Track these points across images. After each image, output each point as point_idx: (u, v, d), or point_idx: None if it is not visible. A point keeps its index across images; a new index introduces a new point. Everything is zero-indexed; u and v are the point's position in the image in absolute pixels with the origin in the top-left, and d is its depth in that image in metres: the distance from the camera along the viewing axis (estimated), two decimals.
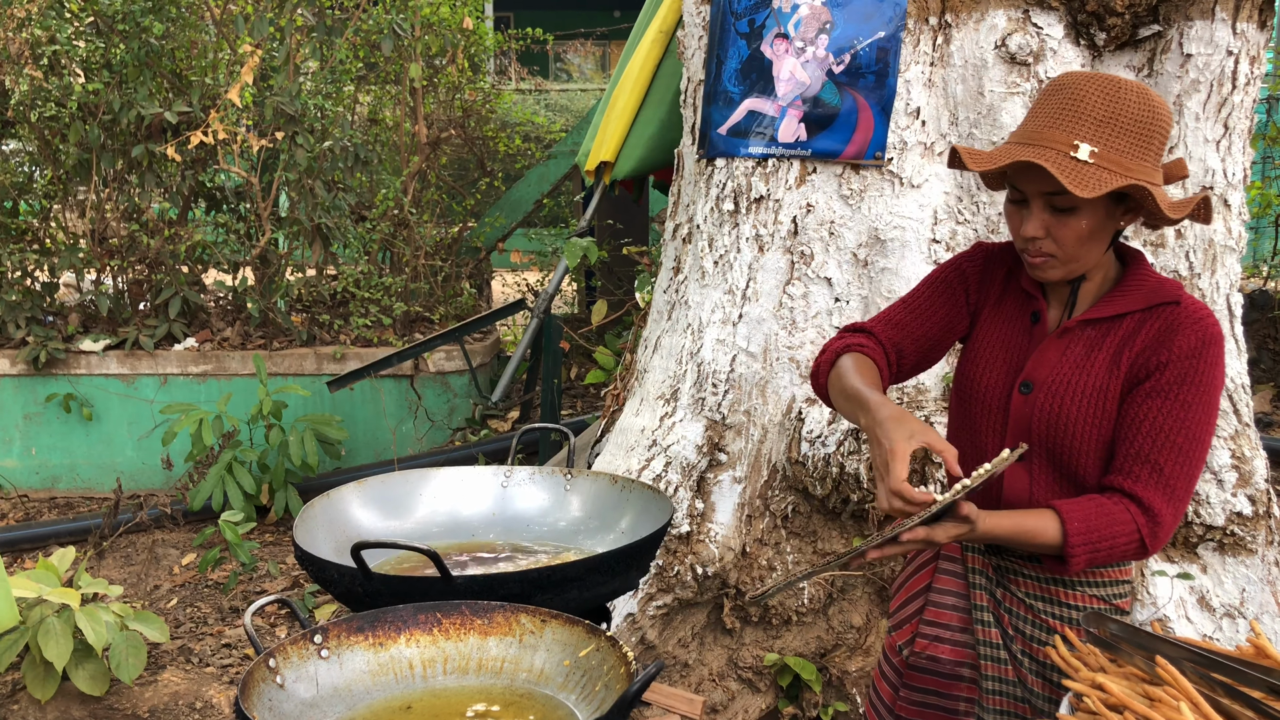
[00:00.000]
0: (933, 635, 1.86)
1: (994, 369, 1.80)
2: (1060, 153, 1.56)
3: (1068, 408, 1.70)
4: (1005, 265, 1.86)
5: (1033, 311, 1.79)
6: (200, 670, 3.58)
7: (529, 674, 1.42)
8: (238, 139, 5.27)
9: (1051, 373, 1.73)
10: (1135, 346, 1.68)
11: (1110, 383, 1.69)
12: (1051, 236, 1.63)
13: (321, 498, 1.96)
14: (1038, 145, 1.58)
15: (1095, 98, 1.57)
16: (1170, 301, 1.69)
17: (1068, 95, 1.59)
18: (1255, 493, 3.04)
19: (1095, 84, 1.59)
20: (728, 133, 3.14)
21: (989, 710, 1.82)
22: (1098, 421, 1.69)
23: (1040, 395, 1.73)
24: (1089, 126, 1.56)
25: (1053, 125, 1.58)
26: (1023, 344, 1.78)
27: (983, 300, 1.87)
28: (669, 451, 3.17)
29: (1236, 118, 3.09)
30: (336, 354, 5.43)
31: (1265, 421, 5.70)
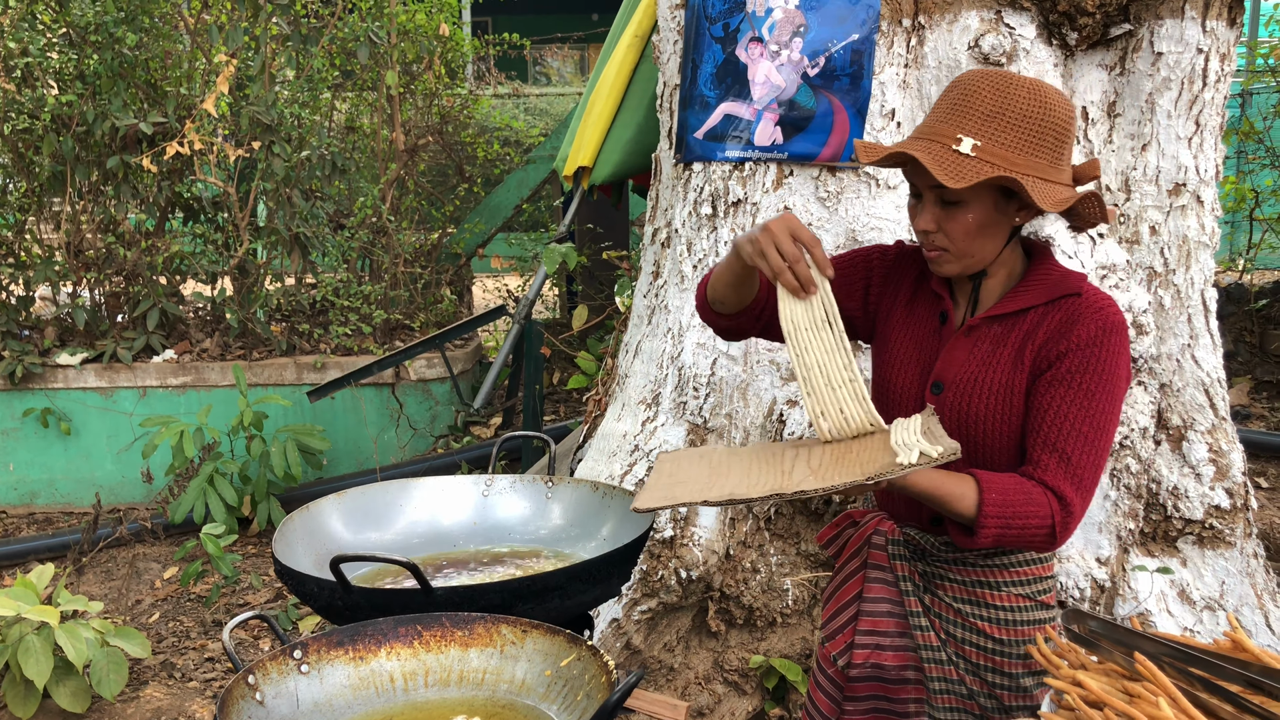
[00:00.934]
0: (872, 644, 1.86)
1: (907, 370, 1.81)
2: (943, 145, 1.58)
3: (976, 406, 1.70)
4: (917, 267, 1.87)
5: (940, 311, 1.80)
6: (183, 685, 3.56)
7: (510, 685, 1.42)
8: (214, 149, 5.25)
9: (959, 372, 1.73)
10: (1037, 340, 1.69)
11: (1015, 378, 1.69)
12: (942, 230, 1.65)
13: (300, 510, 1.95)
14: (925, 139, 1.61)
15: (985, 93, 1.59)
16: (1072, 293, 1.69)
17: (960, 92, 1.62)
18: (1233, 486, 3.07)
19: (987, 81, 1.61)
20: (704, 137, 3.15)
21: (940, 709, 1.84)
22: (1006, 417, 1.69)
23: (950, 394, 1.73)
24: (975, 121, 1.58)
25: (942, 120, 1.61)
26: (932, 344, 1.79)
27: (886, 299, 1.88)
28: (651, 456, 3.17)
29: (1208, 114, 3.12)
30: (317, 363, 5.41)
31: (1242, 414, 5.75)
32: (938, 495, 1.61)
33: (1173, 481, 3.07)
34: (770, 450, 1.69)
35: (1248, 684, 1.47)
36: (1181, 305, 3.15)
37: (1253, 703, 1.42)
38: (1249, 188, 7.23)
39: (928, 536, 1.82)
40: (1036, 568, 1.81)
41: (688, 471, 1.62)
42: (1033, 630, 1.80)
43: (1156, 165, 3.11)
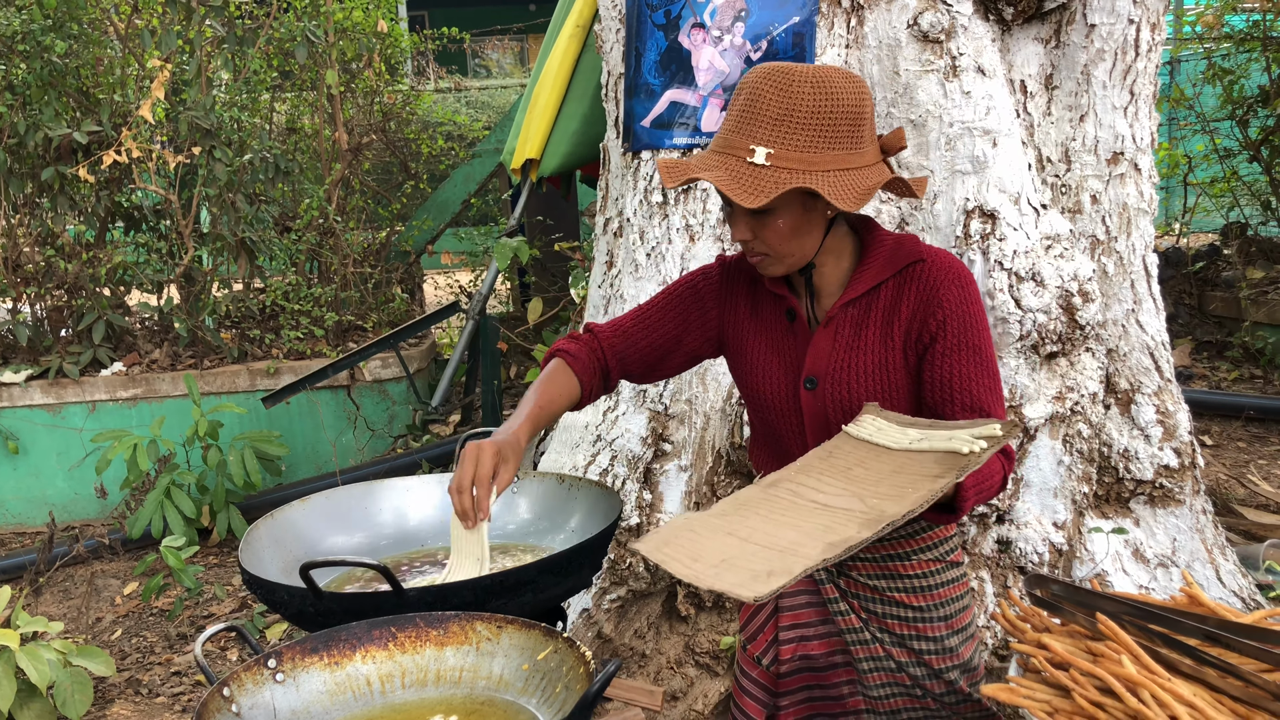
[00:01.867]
0: (796, 636, 1.87)
1: (772, 374, 1.80)
2: (738, 159, 1.56)
3: (855, 390, 1.72)
4: (746, 274, 1.86)
5: (786, 310, 1.80)
6: (151, 701, 3.51)
7: (488, 681, 1.42)
8: (153, 156, 5.15)
9: (828, 362, 1.74)
10: (903, 313, 1.71)
11: (888, 354, 1.72)
12: (759, 238, 1.65)
13: (265, 518, 1.94)
14: (723, 153, 1.59)
15: (769, 96, 1.56)
16: (915, 260, 1.71)
17: (746, 97, 1.59)
18: (1180, 445, 3.15)
19: (770, 82, 1.57)
20: (651, 125, 3.15)
21: (872, 686, 1.86)
22: (887, 393, 1.72)
23: (826, 386, 1.74)
24: (764, 127, 1.56)
25: (735, 130, 1.59)
26: (789, 343, 1.79)
27: (730, 313, 1.87)
28: (614, 445, 3.18)
29: (1141, 83, 3.19)
30: (270, 369, 5.35)
31: (1184, 375, 5.90)
32: None
33: (1123, 444, 3.14)
34: (770, 501, 1.52)
35: (1205, 637, 1.52)
36: (1124, 272, 3.22)
37: (1210, 655, 1.47)
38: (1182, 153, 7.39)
39: None
40: (939, 530, 1.84)
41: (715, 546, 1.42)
42: (948, 590, 1.84)
43: (1095, 135, 3.17)
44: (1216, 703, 1.43)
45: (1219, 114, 6.99)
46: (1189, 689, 1.43)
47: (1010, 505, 3.00)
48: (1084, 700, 1.47)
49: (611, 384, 1.92)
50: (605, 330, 1.90)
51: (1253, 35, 6.59)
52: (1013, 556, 2.98)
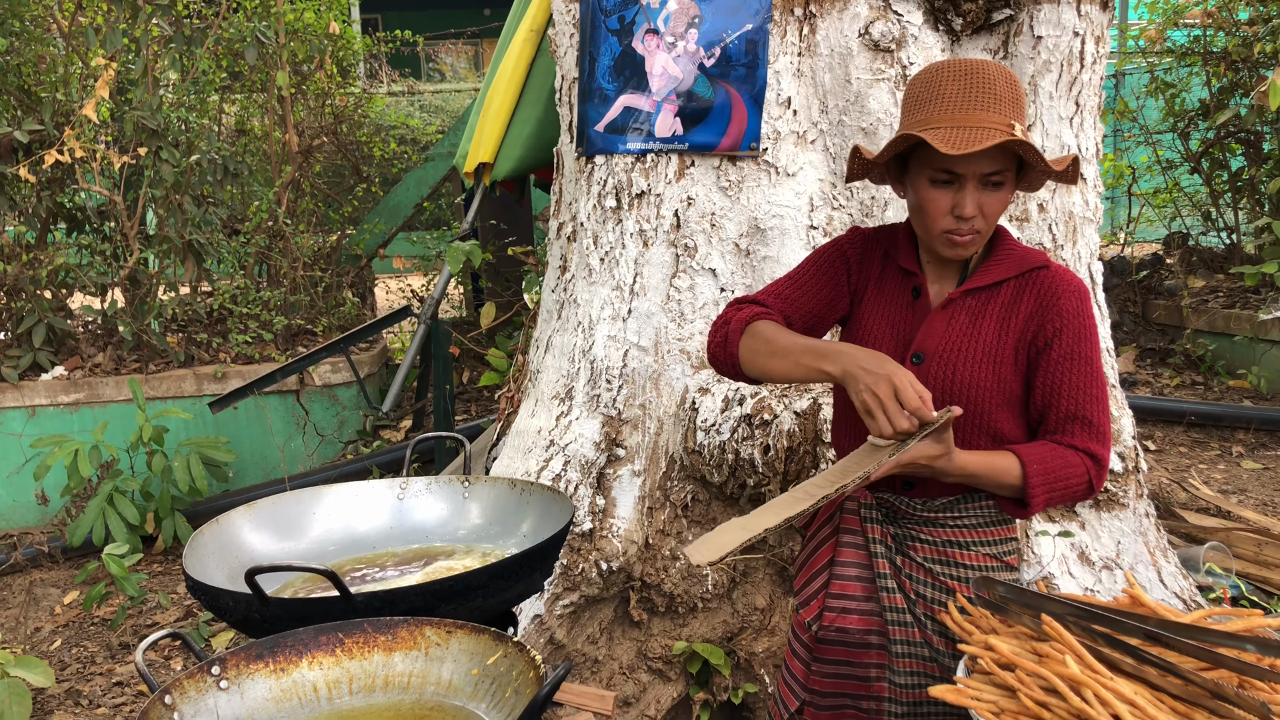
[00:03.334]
0: (839, 608, 1.90)
1: (883, 345, 1.86)
2: (1003, 132, 1.63)
3: (961, 372, 1.79)
4: (882, 247, 1.94)
5: (913, 287, 1.87)
6: (91, 713, 3.43)
7: (437, 686, 1.41)
8: (97, 156, 5.05)
9: (940, 342, 1.81)
10: (1021, 312, 1.79)
11: (1000, 346, 1.79)
12: (983, 213, 1.71)
13: (211, 524, 1.90)
14: (979, 127, 1.64)
15: (1003, 83, 1.67)
16: (1040, 266, 1.81)
17: (979, 79, 1.67)
18: (1124, 450, 3.21)
19: (1000, 71, 1.69)
20: (605, 129, 3.15)
21: (899, 673, 1.88)
22: (993, 380, 1.79)
23: (933, 364, 1.80)
24: (1009, 109, 1.66)
25: (980, 108, 1.66)
26: (907, 319, 1.86)
27: (862, 281, 1.94)
28: (567, 450, 3.17)
29: (1086, 95, 3.25)
30: (217, 373, 5.26)
31: (1129, 381, 6.01)
32: (991, 471, 1.72)
33: None
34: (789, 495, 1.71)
35: (1146, 637, 1.55)
36: None
37: (1151, 654, 1.49)
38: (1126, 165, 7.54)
39: (901, 498, 1.89)
40: (1003, 529, 1.91)
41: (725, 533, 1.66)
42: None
43: (1041, 145, 3.23)
44: (1157, 701, 1.45)
45: (1161, 126, 7.15)
46: (1131, 687, 1.45)
47: None
48: (1029, 700, 1.49)
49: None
50: (767, 298, 1.95)
51: (1193, 50, 6.75)
52: None
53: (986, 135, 1.63)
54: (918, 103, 1.74)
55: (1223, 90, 6.64)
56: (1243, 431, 5.37)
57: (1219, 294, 6.54)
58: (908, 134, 1.70)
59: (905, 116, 1.77)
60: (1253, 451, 5.21)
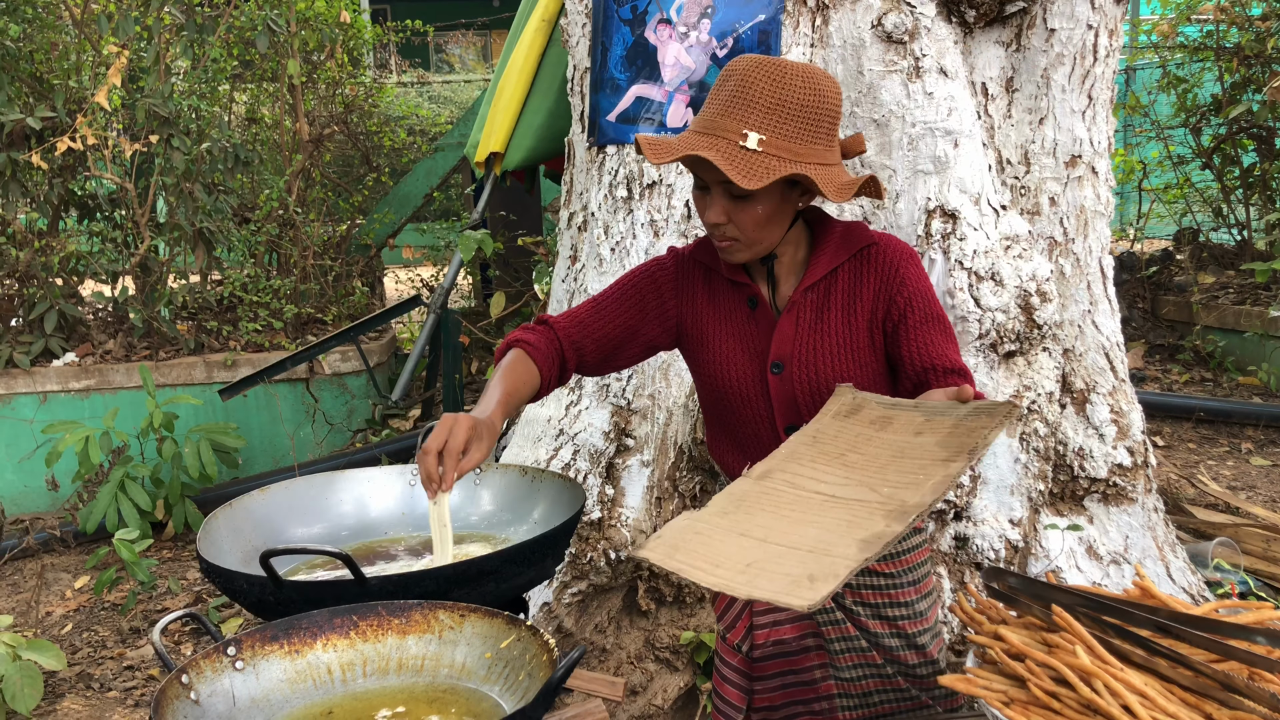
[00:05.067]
0: (769, 622, 1.90)
1: (736, 361, 1.82)
2: (731, 142, 1.58)
3: (823, 371, 1.77)
4: (702, 265, 1.88)
5: (748, 298, 1.83)
6: (102, 696, 3.46)
7: (450, 669, 1.42)
8: (108, 144, 5.07)
9: (793, 346, 1.79)
10: (865, 294, 1.77)
11: (852, 335, 1.78)
12: (733, 221, 1.67)
13: (224, 508, 1.91)
14: (711, 135, 1.60)
15: (763, 85, 1.59)
16: (868, 244, 1.79)
17: (737, 83, 1.61)
18: (1133, 444, 3.21)
19: (763, 71, 1.60)
20: (617, 119, 3.15)
21: (843, 668, 1.90)
22: (854, 372, 1.78)
23: (793, 369, 1.78)
24: (757, 114, 1.58)
25: (725, 114, 1.60)
26: (751, 330, 1.82)
27: (687, 304, 1.88)
28: (576, 440, 3.18)
29: (1099, 88, 3.24)
30: (227, 361, 5.28)
31: (1138, 377, 6.00)
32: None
33: (1078, 443, 3.19)
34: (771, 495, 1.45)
35: (1157, 628, 1.55)
36: (1081, 273, 3.27)
37: (1162, 645, 1.50)
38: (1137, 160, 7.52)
39: None
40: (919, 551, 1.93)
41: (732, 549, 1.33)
42: (915, 556, 1.91)
43: (1054, 138, 3.22)
44: (1167, 692, 1.45)
45: (1173, 122, 7.12)
46: (1141, 679, 1.45)
47: (968, 502, 3.04)
48: (1039, 690, 1.49)
49: (567, 375, 1.92)
50: (561, 321, 1.91)
51: (1206, 45, 6.73)
52: (969, 553, 3.02)
53: (695, 145, 1.59)
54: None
55: (1235, 85, 6.62)
56: (1252, 428, 5.36)
57: (1229, 290, 6.52)
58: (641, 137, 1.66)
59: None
60: (1262, 448, 5.20)
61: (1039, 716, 1.47)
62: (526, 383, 1.82)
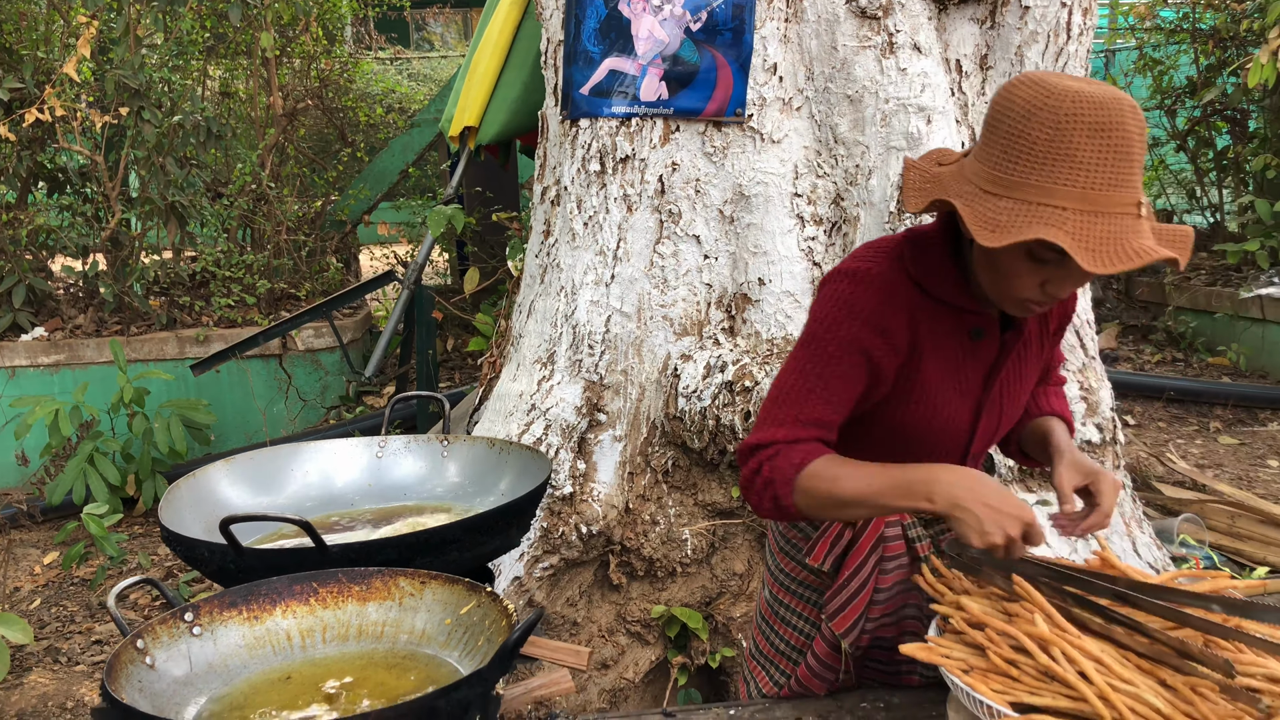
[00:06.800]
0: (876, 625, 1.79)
1: (950, 401, 1.63)
2: (1132, 216, 1.33)
3: (1020, 399, 1.73)
4: (915, 290, 1.58)
5: (975, 328, 1.62)
6: (70, 669, 3.44)
7: (410, 635, 1.41)
8: (78, 116, 5.00)
9: (1004, 381, 1.69)
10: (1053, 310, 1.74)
11: (1043, 354, 1.76)
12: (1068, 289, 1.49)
13: (187, 477, 1.90)
14: (1113, 215, 1.33)
15: (1136, 136, 1.33)
16: None
17: (1118, 139, 1.32)
18: (1102, 421, 3.23)
19: (1131, 116, 1.33)
20: (590, 93, 3.13)
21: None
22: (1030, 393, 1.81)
23: (1001, 400, 1.70)
24: (1139, 171, 1.34)
25: (1116, 184, 1.32)
26: (968, 364, 1.64)
27: (908, 347, 1.58)
28: (548, 414, 3.18)
29: (1073, 66, 3.24)
30: (199, 336, 5.24)
31: (1111, 357, 6.04)
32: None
33: None
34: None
35: (1116, 597, 1.57)
36: None
37: (1120, 614, 1.51)
38: None
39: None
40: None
41: None
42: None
43: None
44: (1123, 659, 1.47)
45: (1148, 104, 7.15)
46: (1098, 646, 1.47)
47: None
48: (998, 658, 1.51)
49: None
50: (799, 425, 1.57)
51: (1182, 27, 6.75)
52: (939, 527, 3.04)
53: (1124, 235, 1.32)
54: (1035, 156, 1.34)
55: (1210, 68, 6.65)
56: (1221, 407, 5.41)
57: (1201, 272, 6.57)
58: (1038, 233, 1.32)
59: (1010, 163, 1.36)
60: (1230, 427, 5.26)
61: (998, 684, 1.49)
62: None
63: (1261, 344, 5.90)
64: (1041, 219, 1.31)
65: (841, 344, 1.54)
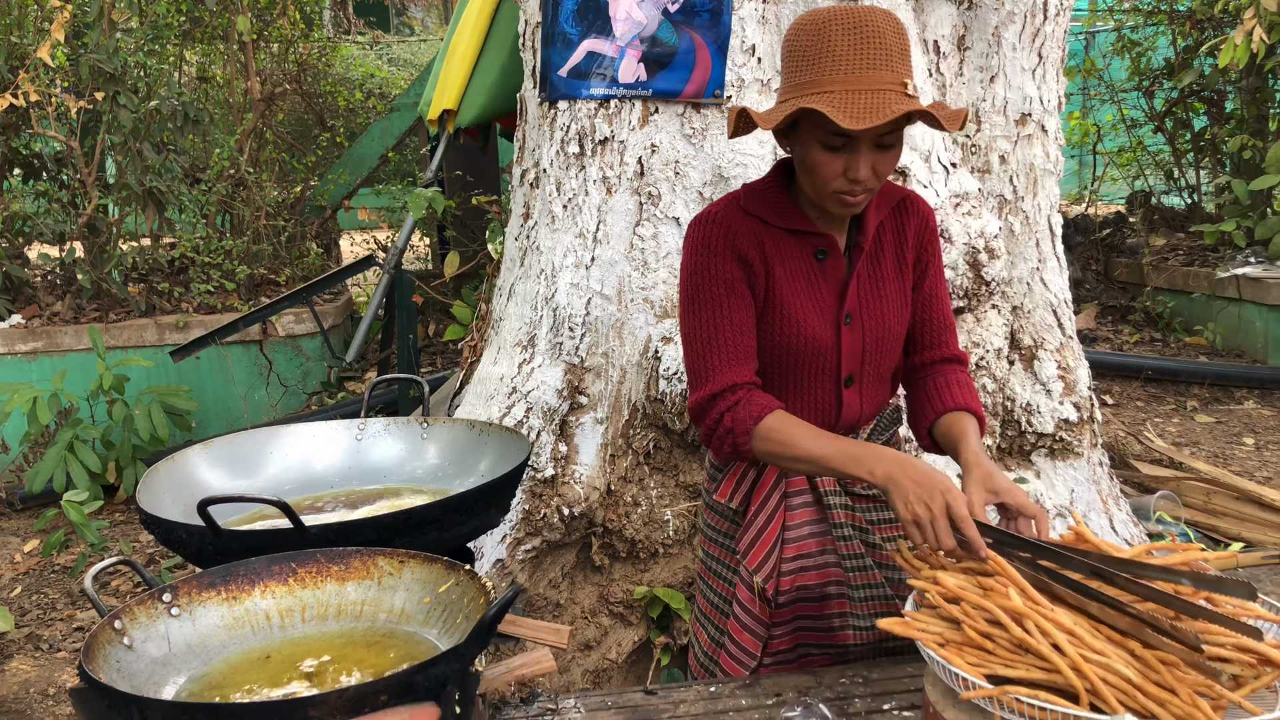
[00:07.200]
0: (796, 568, 1.90)
1: (809, 316, 1.79)
2: (897, 93, 1.56)
3: (886, 319, 1.84)
4: (755, 221, 1.79)
5: (818, 249, 1.79)
6: (51, 656, 3.43)
7: (389, 614, 1.42)
8: (53, 101, 4.95)
9: (859, 298, 1.82)
10: (909, 242, 1.86)
11: (902, 282, 1.87)
12: (876, 173, 1.66)
13: (166, 460, 1.90)
14: (875, 90, 1.55)
15: (890, 34, 1.58)
16: (903, 195, 1.88)
17: (869, 33, 1.57)
18: (1079, 400, 3.26)
19: (887, 20, 1.59)
20: (568, 74, 3.13)
21: (863, 615, 1.90)
22: (903, 319, 1.88)
23: (864, 319, 1.82)
24: (900, 62, 1.58)
25: (873, 67, 1.56)
26: (819, 282, 1.80)
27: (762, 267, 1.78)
28: (529, 397, 3.18)
29: (1049, 47, 3.26)
30: (179, 323, 5.21)
31: (1089, 338, 6.08)
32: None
33: (1025, 398, 3.24)
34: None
35: (1090, 572, 1.59)
36: (1030, 231, 3.30)
37: (1092, 588, 1.53)
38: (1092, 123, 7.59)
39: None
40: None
41: None
42: None
43: (1004, 96, 3.24)
44: (1095, 631, 1.49)
45: (1126, 85, 7.19)
46: (1071, 618, 1.49)
47: (917, 455, 3.08)
48: (973, 631, 1.52)
49: None
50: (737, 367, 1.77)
51: (1160, 9, 6.77)
52: None
53: (884, 101, 1.54)
54: (804, 59, 1.61)
55: (1187, 49, 6.68)
56: (1197, 386, 5.46)
57: (1179, 252, 6.62)
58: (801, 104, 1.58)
59: (790, 73, 1.64)
60: (1206, 406, 5.31)
61: (973, 657, 1.50)
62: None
63: (1238, 323, 5.95)
64: (810, 102, 1.56)
65: (717, 280, 1.76)
